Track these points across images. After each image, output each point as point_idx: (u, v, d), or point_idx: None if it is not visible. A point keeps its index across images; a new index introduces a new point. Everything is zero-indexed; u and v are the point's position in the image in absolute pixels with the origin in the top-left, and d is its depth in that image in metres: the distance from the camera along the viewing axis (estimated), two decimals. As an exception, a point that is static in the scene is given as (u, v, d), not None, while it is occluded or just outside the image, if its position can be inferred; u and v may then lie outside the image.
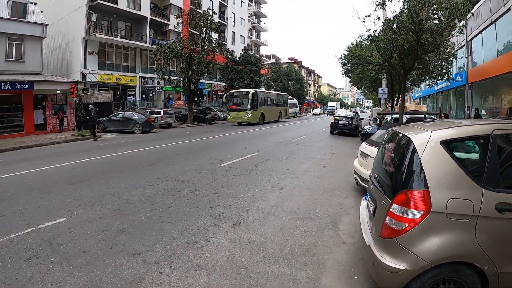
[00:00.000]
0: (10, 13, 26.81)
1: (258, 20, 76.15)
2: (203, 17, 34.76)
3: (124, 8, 36.43)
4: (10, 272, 4.20)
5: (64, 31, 35.19)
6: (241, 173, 9.90)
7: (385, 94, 27.19)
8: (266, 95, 37.91)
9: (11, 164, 12.87)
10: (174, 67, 39.21)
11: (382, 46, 14.71)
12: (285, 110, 43.61)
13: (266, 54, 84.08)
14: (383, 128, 8.78)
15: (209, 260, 4.47)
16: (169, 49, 32.98)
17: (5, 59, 26.22)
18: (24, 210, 6.65)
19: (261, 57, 63.33)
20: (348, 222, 5.94)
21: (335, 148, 16.02)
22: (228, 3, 57.66)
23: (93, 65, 34.12)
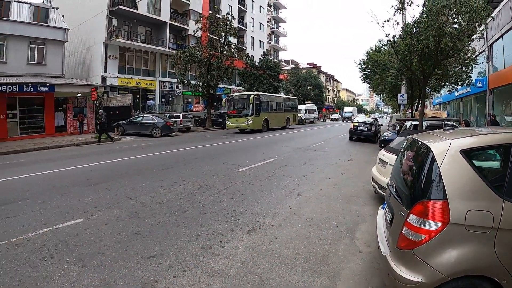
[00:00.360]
0: (32, 18, 27.64)
1: (277, 25, 76.29)
2: (222, 22, 34.97)
3: (144, 13, 36.93)
4: (25, 270, 4.27)
5: (85, 35, 35.89)
6: (259, 179, 9.85)
7: (404, 100, 26.84)
8: (271, 99, 34.80)
9: (31, 165, 13.16)
10: (193, 71, 39.48)
11: (402, 51, 14.52)
12: (294, 115, 39.44)
13: (285, 59, 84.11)
14: (402, 135, 8.65)
15: (223, 266, 4.44)
16: (188, 54, 33.23)
17: (27, 62, 27.01)
18: (42, 210, 6.77)
19: (280, 62, 63.34)
20: (365, 230, 5.84)
21: (354, 155, 15.84)
22: (247, 9, 57.97)
23: (113, 69, 34.65)
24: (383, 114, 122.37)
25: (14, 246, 5.03)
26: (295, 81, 62.57)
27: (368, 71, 32.32)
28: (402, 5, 14.26)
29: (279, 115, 35.36)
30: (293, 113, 39.15)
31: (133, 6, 35.75)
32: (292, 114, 38.73)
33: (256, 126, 29.80)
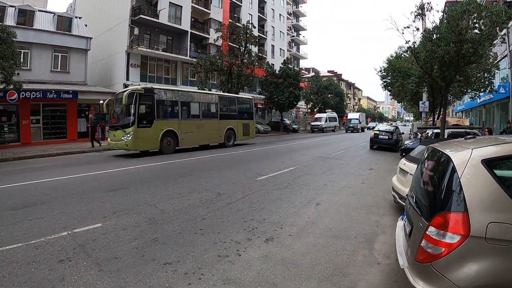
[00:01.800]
0: (56, 27, 28.57)
1: (297, 33, 76.43)
2: (243, 31, 35.23)
3: (165, 23, 37.42)
4: (42, 272, 4.35)
5: (108, 44, 36.71)
6: (278, 188, 9.77)
7: (426, 107, 26.39)
8: (186, 98, 20.87)
9: (53, 169, 13.46)
10: (214, 79, 39.75)
11: (422, 58, 14.34)
12: (245, 125, 25.73)
13: (306, 67, 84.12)
14: (424, 144, 8.50)
15: (239, 274, 4.40)
16: (209, 62, 33.50)
17: (51, 69, 27.89)
18: (62, 214, 6.90)
19: (301, 70, 63.32)
20: (384, 241, 5.72)
21: (374, 164, 15.65)
22: (267, 17, 58.25)
23: (135, 77, 35.10)
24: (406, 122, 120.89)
25: (33, 248, 5.14)
26: (316, 89, 62.34)
27: (389, 78, 32.08)
28: (422, 11, 14.12)
29: (208, 125, 22.00)
30: (242, 122, 25.42)
31: (155, 15, 36.31)
32: (240, 123, 25.08)
33: (141, 145, 17.74)
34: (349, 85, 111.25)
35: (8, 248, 5.13)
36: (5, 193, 9.07)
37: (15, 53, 17.80)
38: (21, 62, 20.67)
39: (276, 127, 48.00)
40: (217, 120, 23.01)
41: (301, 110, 74.04)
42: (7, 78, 17.40)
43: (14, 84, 18.29)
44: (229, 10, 47.50)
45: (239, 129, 24.95)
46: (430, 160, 3.88)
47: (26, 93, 22.73)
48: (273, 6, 60.82)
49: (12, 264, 4.58)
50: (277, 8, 62.16)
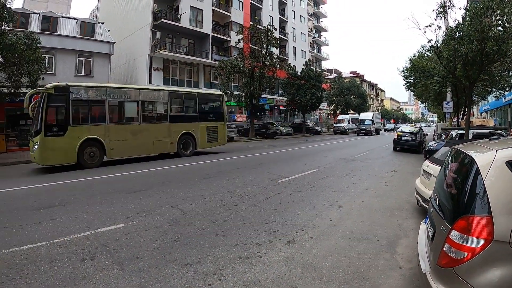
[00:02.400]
0: (79, 32, 29.33)
1: (318, 34, 76.22)
2: (264, 33, 35.29)
3: (187, 26, 37.81)
4: (65, 270, 4.46)
5: (131, 48, 37.39)
6: (300, 190, 9.71)
7: (450, 108, 25.94)
8: (115, 96, 16.25)
9: (77, 171, 13.73)
10: (236, 82, 39.91)
11: (445, 57, 14.07)
12: (211, 129, 20.55)
13: (328, 68, 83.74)
14: (447, 145, 8.30)
15: (259, 276, 4.38)
16: (231, 64, 33.65)
17: (75, 74, 28.64)
18: (85, 214, 7.05)
19: (323, 72, 62.92)
20: (406, 245, 5.59)
21: (397, 166, 15.39)
22: (288, 19, 58.23)
23: (158, 80, 35.56)
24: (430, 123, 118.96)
25: (57, 246, 5.28)
26: (338, 91, 61.91)
27: (412, 78, 31.60)
28: (443, 8, 13.85)
29: (151, 130, 17.40)
30: (208, 125, 20.37)
31: (176, 19, 36.82)
32: (203, 126, 19.99)
33: (50, 159, 14.07)
34: (371, 86, 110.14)
35: (32, 247, 5.27)
36: (30, 194, 9.34)
37: (39, 58, 18.24)
38: (45, 67, 21.15)
39: (299, 129, 47.74)
40: (166, 123, 18.14)
41: (323, 111, 73.67)
42: (32, 82, 17.84)
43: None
44: (249, 12, 47.71)
45: (201, 134, 19.74)
46: (454, 162, 3.77)
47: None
48: (294, 8, 60.78)
49: (36, 262, 4.70)
50: (297, 9, 62.09)
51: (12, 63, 16.95)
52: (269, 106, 52.07)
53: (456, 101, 27.05)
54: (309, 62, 50.63)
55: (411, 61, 30.49)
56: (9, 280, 4.19)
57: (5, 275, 4.32)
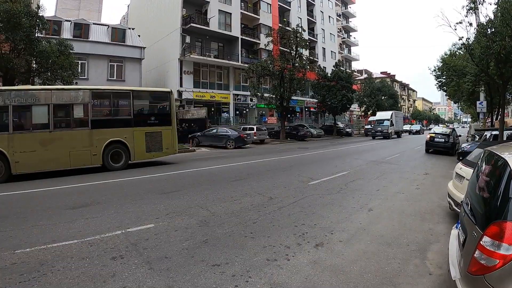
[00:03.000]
0: (110, 38, 30.27)
1: (347, 35, 75.61)
2: (293, 35, 35.13)
3: (216, 30, 38.30)
4: (95, 267, 4.56)
5: (161, 53, 38.13)
6: (330, 192, 9.59)
7: (483, 108, 25.12)
8: (21, 100, 13.20)
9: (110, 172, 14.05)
10: (266, 84, 39.95)
11: (477, 55, 13.65)
12: (152, 135, 16.10)
13: (358, 69, 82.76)
14: (481, 147, 8.00)
15: (287, 279, 4.32)
16: (261, 67, 33.73)
17: (107, 78, 29.65)
18: (116, 214, 7.19)
19: (353, 73, 62.24)
20: (437, 250, 5.40)
21: (430, 168, 14.96)
22: (317, 20, 58.06)
23: (188, 83, 36.08)
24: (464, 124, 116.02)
25: (88, 245, 5.40)
26: (369, 92, 61.06)
27: (444, 78, 30.85)
28: (474, 4, 13.44)
29: (67, 139, 13.92)
30: (147, 130, 16.03)
31: (205, 23, 37.28)
32: (141, 132, 15.79)
33: None
34: (403, 86, 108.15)
35: (64, 244, 5.41)
36: (63, 193, 9.60)
37: (72, 64, 18.79)
38: (78, 72, 21.75)
39: (329, 130, 47.40)
40: (87, 129, 14.36)
41: (354, 113, 72.92)
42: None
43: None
44: (278, 14, 47.74)
45: (138, 142, 15.58)
46: (487, 164, 3.65)
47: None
48: (322, 8, 60.47)
49: (67, 259, 4.82)
50: (325, 10, 61.72)
51: (46, 69, 17.48)
52: (299, 108, 51.91)
53: (489, 101, 26.24)
54: (339, 63, 50.11)
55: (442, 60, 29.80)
56: (40, 275, 4.30)
57: (37, 270, 4.45)
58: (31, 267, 4.53)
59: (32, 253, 5.05)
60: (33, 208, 7.85)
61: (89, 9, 70.75)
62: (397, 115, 47.56)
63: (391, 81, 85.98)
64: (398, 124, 46.71)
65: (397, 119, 46.44)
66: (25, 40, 15.97)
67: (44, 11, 17.73)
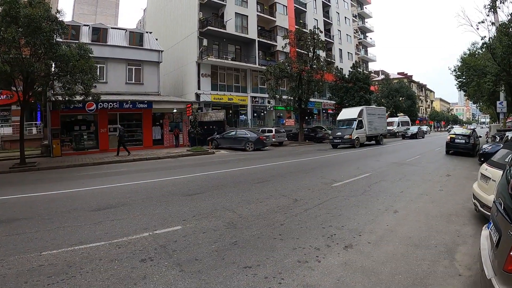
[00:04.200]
0: (128, 42, 30.66)
1: (364, 36, 75.18)
2: (310, 36, 35.07)
3: (233, 33, 38.41)
4: (125, 269, 4.54)
5: (179, 56, 38.51)
6: (354, 194, 9.47)
7: (504, 108, 24.62)
8: None
9: (131, 174, 14.16)
10: (284, 86, 39.86)
11: (499, 54, 13.36)
12: None
13: (375, 70, 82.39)
14: (507, 148, 7.72)
15: (319, 281, 4.28)
16: (278, 69, 33.66)
17: (126, 81, 29.84)
18: (142, 216, 7.17)
19: (370, 74, 61.76)
20: (465, 252, 5.31)
21: (452, 170, 14.67)
22: (333, 21, 57.86)
23: (206, 86, 36.22)
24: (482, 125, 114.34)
25: (116, 246, 5.39)
26: (386, 93, 60.56)
27: (464, 78, 30.37)
28: (494, 3, 13.15)
29: None
30: None
31: (222, 26, 37.45)
32: None
33: None
34: (420, 86, 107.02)
35: (92, 246, 5.40)
36: (88, 195, 9.62)
37: (92, 67, 18.95)
38: (97, 75, 21.92)
39: (347, 132, 46.90)
40: None
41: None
42: (86, 90, 18.58)
43: (92, 96, 19.47)
44: (294, 16, 47.67)
45: None
46: None
47: (103, 104, 24.55)
48: (338, 10, 60.20)
49: (95, 261, 4.80)
50: (341, 11, 61.42)
51: (66, 73, 17.63)
52: (317, 110, 51.72)
53: (510, 101, 25.74)
54: (356, 64, 49.82)
55: (462, 59, 29.36)
56: (69, 277, 4.29)
57: (65, 272, 4.43)
58: (59, 269, 4.52)
59: (59, 254, 5.04)
60: (57, 209, 7.87)
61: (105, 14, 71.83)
62: (372, 112, 32.63)
63: (409, 82, 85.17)
64: (376, 125, 32.19)
65: (372, 118, 31.69)
66: (45, 44, 16.09)
67: (64, 16, 17.89)
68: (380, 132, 33.04)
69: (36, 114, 30.62)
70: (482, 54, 24.24)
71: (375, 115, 32.42)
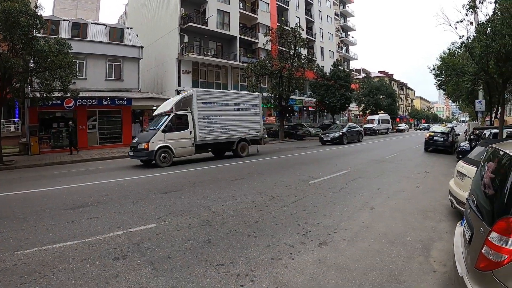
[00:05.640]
0: (109, 38, 30.17)
1: (345, 34, 75.65)
2: (291, 34, 35.15)
3: (214, 29, 38.10)
4: (97, 268, 4.53)
5: (159, 52, 38.02)
6: (331, 191, 9.56)
7: (482, 106, 25.11)
8: None
9: (109, 172, 14.07)
10: (264, 84, 39.85)
11: (477, 54, 13.67)
12: None
13: (356, 68, 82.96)
14: (482, 145, 7.97)
15: (292, 278, 4.31)
16: (259, 66, 33.58)
17: (106, 78, 29.40)
18: (117, 214, 7.16)
19: (351, 72, 62.19)
20: (440, 248, 5.41)
21: (430, 167, 14.93)
22: (315, 19, 57.92)
23: (186, 83, 35.91)
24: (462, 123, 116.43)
25: (89, 245, 5.36)
26: (367, 91, 61.08)
27: (443, 76, 30.85)
28: (473, 3, 13.46)
29: None
30: None
31: (203, 23, 37.11)
32: None
33: None
34: (401, 85, 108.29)
35: (65, 245, 5.37)
36: (64, 194, 9.52)
37: (71, 63, 18.65)
38: (77, 71, 21.59)
39: (328, 130, 47.23)
40: None
41: (352, 112, 72.92)
42: (64, 86, 18.28)
43: (71, 92, 19.21)
44: (276, 14, 47.60)
45: None
46: (491, 162, 3.66)
47: (82, 101, 24.14)
48: (320, 8, 60.34)
49: (68, 260, 4.78)
50: (324, 9, 61.60)
51: (44, 68, 17.33)
52: (297, 107, 51.84)
53: (488, 100, 26.29)
54: (338, 62, 50.05)
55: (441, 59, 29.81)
56: (41, 277, 4.26)
57: (38, 272, 4.40)
58: (32, 269, 4.49)
59: (33, 254, 5.00)
60: (32, 208, 7.79)
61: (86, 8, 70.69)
62: (222, 100, 18.91)
63: (389, 80, 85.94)
64: (234, 124, 19.34)
65: (220, 112, 18.53)
66: (23, 39, 15.81)
67: (43, 10, 17.54)
68: (246, 134, 20.10)
69: (14, 111, 30.03)
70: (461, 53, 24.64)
71: (229, 107, 19.25)
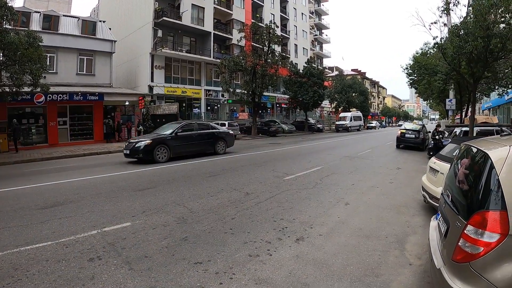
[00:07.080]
0: (80, 31, 29.34)
1: (320, 32, 76.21)
2: (266, 31, 35.22)
3: (188, 24, 37.80)
4: (72, 270, 4.41)
5: (132, 46, 37.39)
6: (306, 187, 9.66)
7: (453, 105, 25.79)
8: None
9: (81, 169, 13.72)
10: (238, 80, 39.81)
11: (450, 54, 14.05)
12: None
13: (329, 66, 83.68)
14: (454, 142, 8.20)
15: (271, 274, 4.35)
16: (233, 62, 33.49)
17: (77, 72, 28.67)
18: (91, 213, 7.01)
19: (324, 69, 62.79)
20: (415, 242, 5.57)
21: (402, 163, 15.29)
22: (290, 16, 58.15)
23: (159, 78, 35.57)
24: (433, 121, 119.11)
25: (63, 246, 5.22)
26: (340, 88, 61.74)
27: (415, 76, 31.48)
28: (448, 5, 13.81)
29: None
30: None
31: (177, 17, 36.74)
32: None
33: None
34: (373, 83, 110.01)
35: (38, 246, 5.21)
36: (34, 193, 9.23)
37: (41, 57, 18.12)
38: (47, 65, 20.97)
39: (301, 126, 47.68)
40: None
41: (325, 109, 73.65)
42: (34, 81, 17.75)
43: (41, 87, 18.62)
44: (251, 10, 47.57)
45: None
46: (465, 158, 3.77)
47: (53, 96, 23.37)
48: (295, 5, 60.64)
49: (42, 262, 4.64)
50: (299, 7, 61.93)
51: (14, 62, 16.80)
52: (270, 104, 52.03)
53: (458, 99, 26.99)
54: (311, 59, 50.45)
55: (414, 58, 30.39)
56: (15, 281, 4.12)
57: (11, 276, 4.25)
58: (4, 272, 4.34)
59: (5, 257, 4.83)
60: (2, 208, 7.54)
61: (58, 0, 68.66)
62: None
63: (362, 78, 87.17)
64: None
65: None
66: (-8, 31, 15.34)
67: (13, 1, 17.05)
68: None
69: (-17, 107, 29.07)
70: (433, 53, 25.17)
71: None
